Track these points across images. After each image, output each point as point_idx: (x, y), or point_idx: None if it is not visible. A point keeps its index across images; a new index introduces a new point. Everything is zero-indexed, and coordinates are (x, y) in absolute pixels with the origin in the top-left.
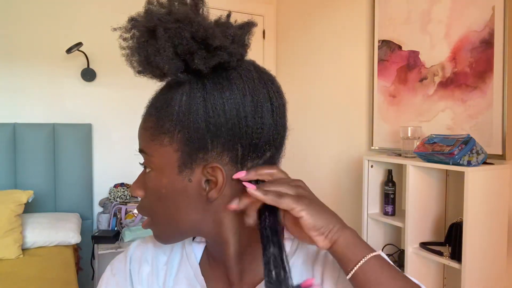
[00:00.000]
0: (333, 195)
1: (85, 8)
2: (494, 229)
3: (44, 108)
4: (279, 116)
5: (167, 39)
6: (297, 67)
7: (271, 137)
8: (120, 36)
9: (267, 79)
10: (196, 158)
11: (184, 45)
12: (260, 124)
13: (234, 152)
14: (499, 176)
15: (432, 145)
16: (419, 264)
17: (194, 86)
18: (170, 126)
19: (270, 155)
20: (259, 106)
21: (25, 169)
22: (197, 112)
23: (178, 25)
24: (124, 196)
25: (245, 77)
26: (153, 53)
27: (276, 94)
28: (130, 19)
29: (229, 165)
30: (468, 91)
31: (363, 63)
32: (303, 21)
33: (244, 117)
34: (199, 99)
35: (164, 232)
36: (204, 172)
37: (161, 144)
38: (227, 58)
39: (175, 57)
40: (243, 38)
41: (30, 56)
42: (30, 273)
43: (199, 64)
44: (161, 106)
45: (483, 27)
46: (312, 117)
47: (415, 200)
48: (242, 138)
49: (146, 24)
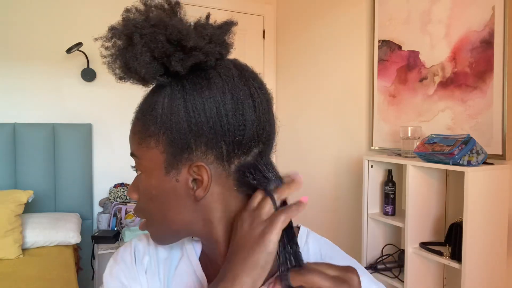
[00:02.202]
0: (333, 195)
1: (85, 8)
2: (494, 229)
3: (44, 108)
4: (262, 112)
5: (143, 44)
6: (297, 67)
7: (255, 133)
8: (101, 45)
9: (249, 76)
10: (181, 158)
11: (160, 48)
12: (242, 121)
13: (218, 150)
14: (499, 176)
15: (432, 145)
16: (419, 264)
17: (174, 88)
18: (155, 129)
19: (258, 150)
20: (240, 103)
21: (25, 169)
22: (178, 113)
23: (153, 30)
24: (124, 196)
25: (224, 76)
26: (131, 58)
27: (258, 90)
28: (110, 28)
29: (214, 163)
30: (468, 91)
31: (363, 63)
32: (303, 21)
33: (225, 115)
34: (180, 100)
35: (159, 233)
36: (190, 171)
37: (147, 147)
38: (203, 58)
39: (153, 61)
40: (221, 37)
41: (30, 56)
42: (30, 273)
43: (176, 66)
44: (146, 110)
45: (483, 27)
46: (312, 117)
47: (415, 200)
48: (224, 135)
49: (124, 32)
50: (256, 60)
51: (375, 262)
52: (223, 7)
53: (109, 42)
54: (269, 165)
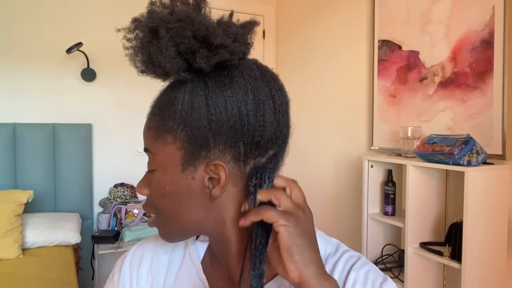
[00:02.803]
0: (333, 195)
1: (85, 8)
2: (494, 229)
3: (44, 108)
4: (281, 114)
5: (169, 38)
6: (297, 67)
7: (273, 135)
8: (124, 36)
9: (270, 77)
10: (198, 156)
11: (185, 44)
12: (262, 122)
13: (236, 149)
14: (499, 176)
15: (432, 145)
16: (419, 264)
17: (196, 84)
18: (173, 125)
19: (273, 153)
20: (261, 104)
21: (25, 169)
22: (199, 110)
23: (180, 25)
24: (124, 196)
25: (247, 75)
26: (155, 52)
27: (279, 92)
28: (133, 19)
29: (231, 162)
30: (468, 91)
31: (363, 63)
32: (303, 21)
33: (246, 115)
34: (201, 97)
35: (168, 230)
36: (207, 169)
37: (164, 143)
38: (229, 57)
39: (177, 56)
40: (245, 37)
41: (30, 56)
42: (30, 273)
43: (201, 63)
44: (165, 105)
45: (483, 27)
46: (312, 117)
47: (415, 200)
48: (244, 135)
49: (148, 24)
50: None
51: (375, 262)
52: (223, 7)
53: (132, 33)
54: (274, 170)
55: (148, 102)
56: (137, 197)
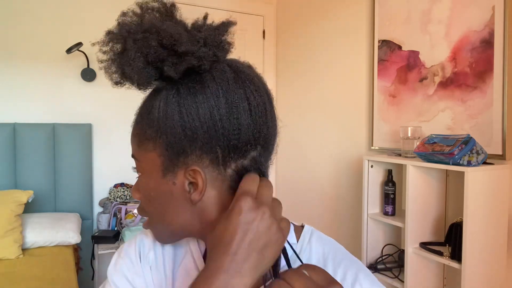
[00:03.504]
0: (333, 195)
1: (85, 8)
2: (494, 229)
3: (44, 108)
4: (258, 115)
5: (137, 49)
6: (297, 67)
7: (251, 137)
8: (99, 49)
9: (245, 79)
10: (177, 162)
11: (152, 53)
12: (237, 125)
13: (213, 154)
14: (499, 176)
15: (432, 145)
16: (419, 264)
17: (170, 92)
18: (152, 132)
19: (256, 154)
20: (234, 107)
21: (25, 169)
22: (172, 117)
23: (145, 35)
24: (124, 196)
25: (219, 79)
26: (125, 64)
27: (254, 93)
28: (107, 32)
29: (210, 167)
30: (468, 91)
31: (363, 63)
32: (303, 21)
33: (219, 119)
34: (174, 105)
35: (159, 233)
36: (186, 175)
37: (146, 150)
38: (196, 63)
39: (147, 66)
40: (217, 39)
41: (30, 56)
42: (30, 273)
43: (169, 71)
44: (144, 113)
45: (483, 27)
46: (312, 117)
47: (415, 200)
48: (219, 140)
49: (118, 36)
50: (256, 60)
51: (375, 262)
52: (223, 7)
53: (107, 46)
54: (262, 170)
55: None
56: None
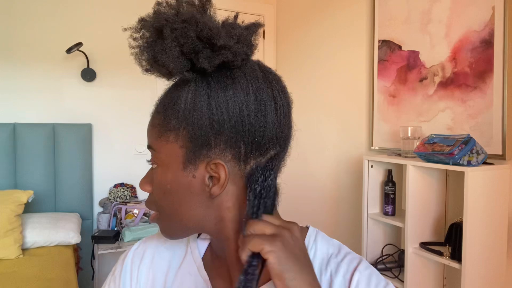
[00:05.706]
0: (333, 195)
1: (85, 8)
2: (494, 229)
3: (44, 108)
4: (282, 115)
5: (174, 38)
6: (297, 67)
7: (274, 136)
8: (130, 36)
9: (272, 79)
10: (199, 155)
11: (189, 44)
12: (263, 123)
13: (237, 149)
14: (499, 176)
15: (432, 145)
16: (419, 264)
17: (199, 84)
18: (176, 123)
19: (274, 153)
20: (262, 105)
21: (25, 169)
22: (201, 109)
23: (184, 25)
24: (124, 196)
25: (249, 76)
26: (160, 52)
27: (281, 93)
28: (139, 19)
29: (232, 162)
30: (468, 91)
31: (363, 63)
32: (303, 21)
33: (247, 115)
34: (204, 97)
35: (169, 227)
36: (207, 168)
37: (167, 141)
38: (231, 58)
39: (181, 56)
40: (248, 38)
41: (30, 56)
42: (30, 273)
43: (204, 63)
44: (168, 103)
45: (483, 27)
46: (312, 117)
47: (415, 200)
48: (244, 135)
49: (154, 24)
50: None
51: (375, 262)
52: (223, 7)
53: (138, 33)
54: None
55: (148, 102)
56: (137, 197)
